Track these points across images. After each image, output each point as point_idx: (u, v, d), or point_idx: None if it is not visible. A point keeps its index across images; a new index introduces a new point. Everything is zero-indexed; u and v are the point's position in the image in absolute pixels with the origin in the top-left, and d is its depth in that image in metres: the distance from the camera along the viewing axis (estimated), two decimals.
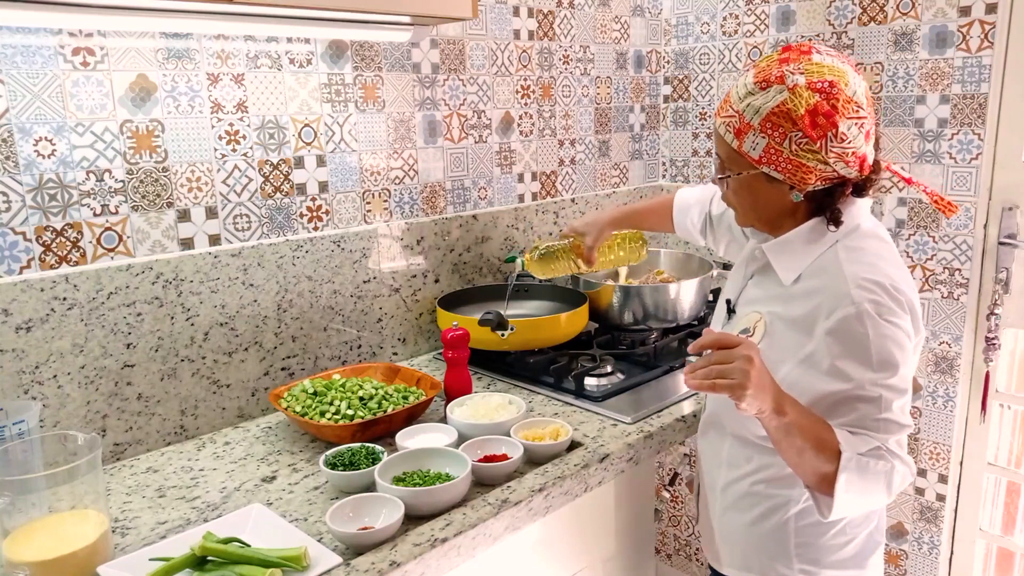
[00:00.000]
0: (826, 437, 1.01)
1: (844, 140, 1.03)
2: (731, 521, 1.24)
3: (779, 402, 1.00)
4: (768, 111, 1.04)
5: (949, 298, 1.85)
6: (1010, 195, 1.75)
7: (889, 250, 1.11)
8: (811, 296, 1.09)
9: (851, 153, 1.04)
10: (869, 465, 1.01)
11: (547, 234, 2.10)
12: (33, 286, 1.24)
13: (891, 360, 1.02)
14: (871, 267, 1.06)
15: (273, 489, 1.23)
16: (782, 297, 1.13)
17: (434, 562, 1.04)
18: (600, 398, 1.50)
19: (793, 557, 1.18)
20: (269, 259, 1.52)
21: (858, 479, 1.01)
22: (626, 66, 2.27)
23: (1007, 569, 1.93)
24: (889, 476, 1.03)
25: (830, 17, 1.95)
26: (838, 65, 1.05)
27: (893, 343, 1.02)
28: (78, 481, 0.99)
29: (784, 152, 1.05)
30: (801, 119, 1.02)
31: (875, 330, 1.02)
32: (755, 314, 1.17)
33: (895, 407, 1.03)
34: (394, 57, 1.69)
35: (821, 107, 1.02)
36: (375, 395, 1.40)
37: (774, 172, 1.08)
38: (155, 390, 1.39)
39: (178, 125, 1.39)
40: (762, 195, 1.12)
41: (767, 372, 1.01)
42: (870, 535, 1.20)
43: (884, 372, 1.02)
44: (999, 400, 1.86)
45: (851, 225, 1.11)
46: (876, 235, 1.12)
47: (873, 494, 1.04)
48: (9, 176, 1.22)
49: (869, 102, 1.06)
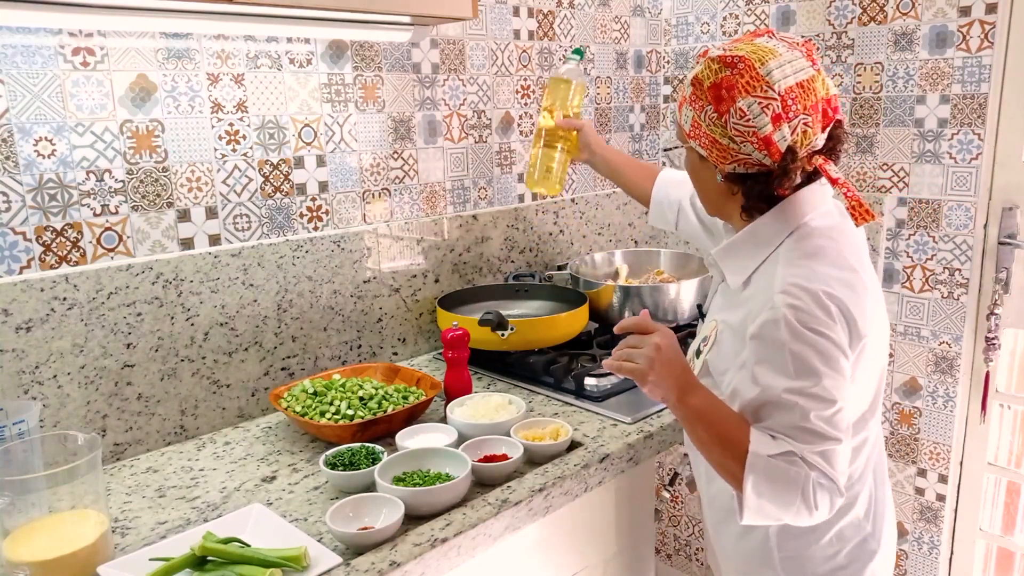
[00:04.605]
0: (735, 436, 0.99)
1: (744, 117, 0.99)
2: (721, 535, 1.24)
3: (684, 392, 1.02)
4: (689, 80, 1.05)
5: (949, 298, 1.85)
6: (1010, 195, 1.75)
7: (835, 250, 1.04)
8: (749, 301, 1.06)
9: (752, 133, 1.00)
10: (779, 469, 0.96)
11: (547, 234, 2.10)
12: (33, 286, 1.24)
13: (810, 368, 0.96)
14: (803, 270, 1.00)
15: (273, 489, 1.23)
16: (731, 304, 1.12)
17: (434, 562, 1.04)
18: (600, 398, 1.50)
19: (780, 570, 1.15)
20: (269, 259, 1.52)
21: (767, 484, 0.96)
22: (626, 66, 2.27)
23: (1007, 569, 1.93)
24: (806, 485, 0.95)
25: (830, 17, 1.95)
26: (776, 48, 1.01)
27: (813, 351, 0.96)
28: (78, 481, 0.99)
29: (703, 126, 1.04)
30: (708, 91, 1.02)
31: (793, 337, 0.97)
32: (712, 322, 1.16)
33: (813, 416, 0.96)
34: (394, 57, 1.69)
35: (725, 80, 1.00)
36: (375, 395, 1.40)
37: (699, 147, 1.07)
38: (155, 390, 1.39)
39: (178, 125, 1.39)
40: (700, 174, 1.12)
41: (679, 361, 1.03)
42: (863, 542, 1.14)
43: (802, 380, 0.96)
44: (999, 400, 1.86)
45: (795, 221, 1.06)
46: (825, 234, 1.05)
47: (791, 506, 0.96)
48: (9, 176, 1.22)
49: (803, 91, 1.00)
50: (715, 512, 1.23)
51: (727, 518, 1.20)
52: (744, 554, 1.19)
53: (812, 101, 1.00)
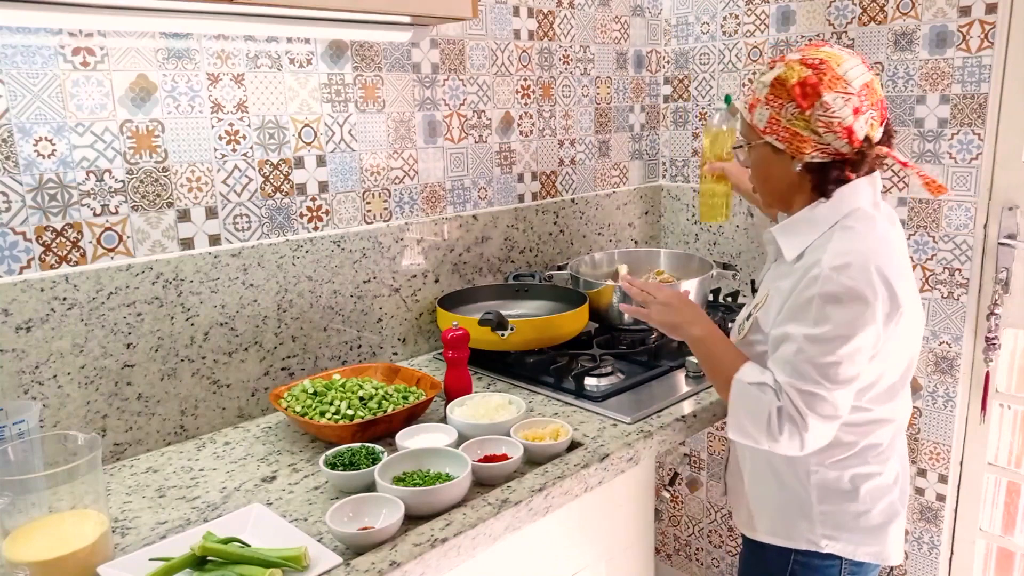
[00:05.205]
0: (729, 362, 1.20)
1: (829, 110, 1.13)
2: (760, 490, 1.33)
3: (691, 324, 1.26)
4: (768, 84, 1.18)
5: (949, 298, 1.85)
6: (1010, 195, 1.75)
7: (882, 232, 1.18)
8: (800, 271, 1.19)
9: (837, 124, 1.13)
10: (752, 395, 1.15)
11: (547, 234, 2.10)
12: (33, 286, 1.24)
13: (825, 319, 1.10)
14: (854, 243, 1.14)
15: (273, 489, 1.23)
16: (784, 274, 1.24)
17: (434, 562, 1.04)
18: (600, 398, 1.50)
19: (817, 523, 1.26)
20: (269, 259, 1.52)
21: (742, 406, 1.16)
22: (626, 66, 2.27)
23: (1007, 569, 1.94)
24: (771, 412, 1.12)
25: (830, 17, 1.95)
26: (842, 54, 1.16)
27: (838, 308, 1.10)
28: (78, 481, 0.99)
29: (782, 121, 1.17)
30: (792, 88, 1.14)
31: (823, 292, 1.11)
32: (765, 290, 1.30)
33: (807, 359, 1.11)
34: (394, 57, 1.69)
35: (810, 79, 1.13)
36: (375, 395, 1.40)
37: (776, 141, 1.19)
38: (155, 390, 1.39)
39: (178, 125, 1.39)
40: (772, 167, 1.23)
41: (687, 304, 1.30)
42: (890, 505, 1.27)
43: (817, 328, 1.11)
44: (999, 400, 1.86)
45: (851, 205, 1.19)
46: (872, 218, 1.19)
47: (760, 430, 1.14)
48: (9, 176, 1.22)
49: (869, 90, 1.15)
50: (756, 464, 1.33)
51: (767, 471, 1.31)
52: (781, 505, 1.30)
53: (875, 99, 1.16)
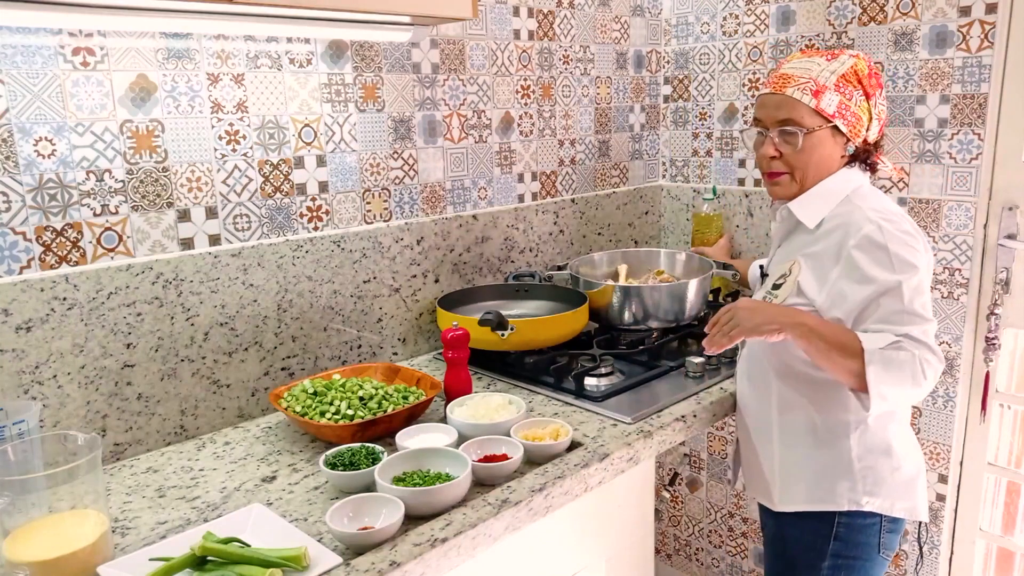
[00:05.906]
0: (847, 340, 1.21)
1: (879, 103, 1.36)
2: (792, 458, 1.38)
3: (793, 316, 1.23)
4: (841, 73, 1.33)
5: (949, 298, 1.85)
6: (1010, 195, 1.75)
7: (891, 201, 1.36)
8: (834, 232, 1.31)
9: (883, 113, 1.38)
10: (892, 357, 1.18)
11: (547, 234, 2.10)
12: (33, 286, 1.24)
13: (909, 262, 1.23)
14: (880, 204, 1.32)
15: (273, 489, 1.23)
16: (809, 242, 1.36)
17: (434, 562, 1.04)
18: (600, 398, 1.50)
19: (858, 480, 1.32)
20: (269, 259, 1.52)
21: (884, 371, 1.17)
22: (626, 66, 2.27)
23: (1007, 569, 1.94)
24: (913, 364, 1.18)
25: (830, 17, 1.95)
26: None
27: (908, 249, 1.24)
28: (78, 481, 0.99)
29: (851, 107, 1.33)
30: (865, 78, 1.34)
31: (891, 241, 1.24)
32: (787, 262, 1.38)
33: (916, 303, 1.22)
34: (394, 57, 1.69)
35: (874, 71, 1.36)
36: (375, 395, 1.40)
37: (843, 124, 1.33)
38: (155, 390, 1.39)
39: (178, 125, 1.39)
40: (828, 148, 1.35)
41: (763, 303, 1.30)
42: (918, 459, 1.38)
43: (904, 273, 1.22)
44: (999, 400, 1.86)
45: (856, 182, 1.37)
46: (878, 193, 1.38)
47: (905, 384, 1.19)
48: (9, 176, 1.22)
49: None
50: (789, 435, 1.39)
51: (802, 438, 1.37)
52: (819, 470, 1.35)
53: None
